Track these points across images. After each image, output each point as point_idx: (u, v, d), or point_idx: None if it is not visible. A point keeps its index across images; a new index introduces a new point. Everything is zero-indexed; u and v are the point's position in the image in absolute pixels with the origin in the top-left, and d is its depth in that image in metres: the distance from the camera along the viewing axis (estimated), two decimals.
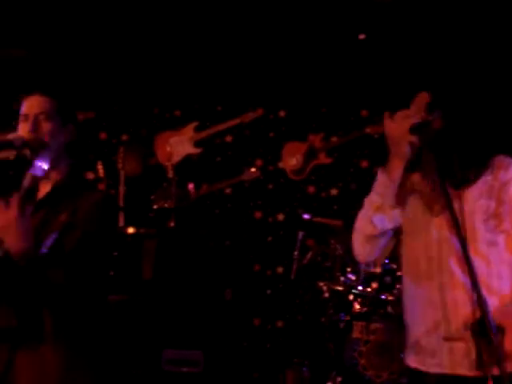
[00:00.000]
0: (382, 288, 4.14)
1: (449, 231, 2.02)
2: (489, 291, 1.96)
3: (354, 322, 3.99)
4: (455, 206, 1.98)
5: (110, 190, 5.32)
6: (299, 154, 5.60)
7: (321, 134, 5.63)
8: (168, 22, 4.82)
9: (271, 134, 5.79)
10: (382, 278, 4.17)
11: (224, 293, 5.04)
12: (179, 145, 5.59)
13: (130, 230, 4.83)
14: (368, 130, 5.13)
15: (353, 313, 4.11)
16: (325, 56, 5.22)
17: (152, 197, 5.30)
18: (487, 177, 2.07)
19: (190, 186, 5.25)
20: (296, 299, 5.30)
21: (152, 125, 5.86)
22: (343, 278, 4.29)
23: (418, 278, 2.09)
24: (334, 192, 5.67)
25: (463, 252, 1.85)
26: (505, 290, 2.02)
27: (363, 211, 2.16)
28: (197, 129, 5.64)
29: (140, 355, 4.42)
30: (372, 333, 3.93)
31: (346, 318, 4.09)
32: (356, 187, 5.59)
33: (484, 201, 2.04)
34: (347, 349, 3.95)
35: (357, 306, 4.15)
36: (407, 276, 2.17)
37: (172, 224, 5.03)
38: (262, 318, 5.54)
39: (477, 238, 2.02)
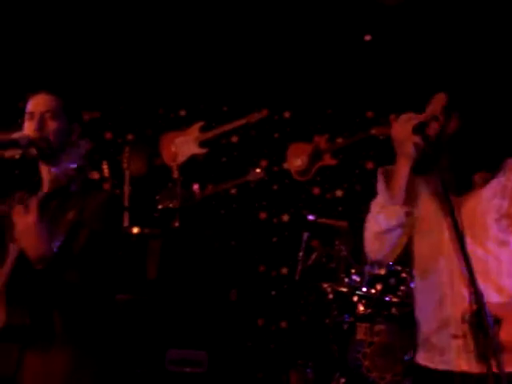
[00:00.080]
0: (387, 290, 4.13)
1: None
2: (499, 290, 2.00)
3: (358, 324, 3.98)
4: (467, 207, 2.03)
5: (115, 190, 5.31)
6: (304, 155, 5.60)
7: (326, 135, 5.62)
8: (173, 23, 4.83)
9: (276, 135, 5.78)
10: (387, 280, 4.16)
11: (229, 293, 5.04)
12: (184, 145, 5.59)
13: (135, 230, 4.83)
14: (373, 132, 5.12)
15: (357, 314, 4.10)
16: (330, 57, 5.22)
17: (157, 197, 5.30)
18: (500, 177, 2.09)
19: (195, 187, 5.25)
20: (300, 300, 5.29)
21: (157, 125, 5.85)
22: (347, 280, 4.28)
23: (429, 276, 2.12)
24: (339, 193, 5.66)
25: (461, 249, 1.86)
26: None
27: (371, 210, 2.20)
28: (202, 129, 5.64)
29: (144, 355, 4.42)
30: (376, 334, 3.92)
31: (350, 320, 4.09)
32: (361, 188, 5.58)
33: (497, 200, 2.07)
34: (351, 350, 3.94)
35: (361, 308, 4.14)
36: (419, 274, 2.20)
37: (177, 224, 5.03)
38: (267, 319, 5.53)
39: (488, 237, 2.04)
